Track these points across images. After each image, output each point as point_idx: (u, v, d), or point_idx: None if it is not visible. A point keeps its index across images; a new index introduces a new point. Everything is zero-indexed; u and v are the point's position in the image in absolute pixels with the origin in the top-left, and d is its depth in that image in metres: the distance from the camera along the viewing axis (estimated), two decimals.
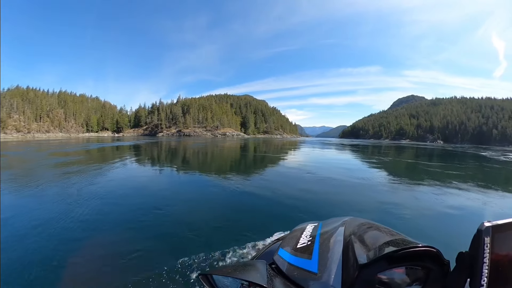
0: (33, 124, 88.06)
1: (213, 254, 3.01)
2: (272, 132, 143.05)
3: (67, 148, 23.64)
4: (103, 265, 2.90)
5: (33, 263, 2.90)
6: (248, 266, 0.86)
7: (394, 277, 0.68)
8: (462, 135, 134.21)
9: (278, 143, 45.86)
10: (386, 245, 0.70)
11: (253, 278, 0.72)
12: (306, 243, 0.94)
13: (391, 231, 0.83)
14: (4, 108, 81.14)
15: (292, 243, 0.99)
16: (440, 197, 6.46)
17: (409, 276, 0.68)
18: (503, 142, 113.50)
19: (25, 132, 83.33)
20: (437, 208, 5.47)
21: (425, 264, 0.67)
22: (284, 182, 8.55)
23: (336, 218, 1.08)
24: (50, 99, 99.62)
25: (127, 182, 7.95)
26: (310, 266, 0.80)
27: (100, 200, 5.58)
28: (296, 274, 0.80)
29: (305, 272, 0.79)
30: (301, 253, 0.89)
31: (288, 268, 0.85)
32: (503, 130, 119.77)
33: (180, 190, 7.25)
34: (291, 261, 0.87)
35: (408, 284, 0.68)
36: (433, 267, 0.67)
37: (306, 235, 1.00)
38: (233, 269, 0.80)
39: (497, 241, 0.58)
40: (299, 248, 0.92)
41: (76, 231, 3.85)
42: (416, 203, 5.83)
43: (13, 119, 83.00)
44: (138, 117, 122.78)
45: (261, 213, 5.00)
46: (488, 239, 0.58)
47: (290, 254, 0.91)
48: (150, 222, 4.33)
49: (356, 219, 1.02)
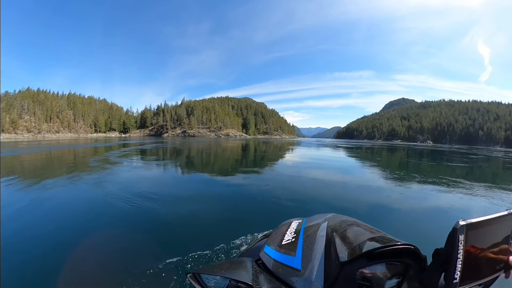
0: (44, 124, 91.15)
1: (202, 252, 2.96)
2: (271, 133, 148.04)
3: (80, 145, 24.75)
4: (89, 266, 2.87)
5: (33, 263, 2.87)
6: (234, 264, 0.87)
7: (374, 272, 0.71)
8: (451, 135, 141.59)
9: (278, 143, 46.54)
10: (366, 243, 0.73)
11: (239, 276, 0.75)
12: (291, 240, 0.97)
13: (371, 229, 0.86)
14: (16, 109, 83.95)
15: (277, 239, 1.02)
16: (423, 195, 6.72)
17: (389, 271, 0.72)
18: (489, 143, 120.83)
19: (35, 133, 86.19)
20: (419, 205, 5.67)
21: (403, 260, 0.71)
22: (281, 179, 8.72)
23: (320, 215, 1.12)
24: (59, 101, 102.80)
25: (139, 181, 7.98)
26: (294, 263, 0.82)
27: (100, 198, 5.64)
28: (281, 271, 0.83)
29: (289, 269, 0.81)
30: (286, 250, 0.91)
31: (274, 265, 0.87)
32: (488, 131, 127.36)
33: (176, 189, 7.12)
34: (276, 258, 0.90)
35: (388, 278, 0.72)
36: (411, 262, 0.72)
37: (291, 232, 1.03)
38: (220, 268, 0.82)
39: (471, 238, 0.63)
40: (284, 245, 0.95)
41: (76, 230, 3.83)
42: (400, 201, 5.95)
43: (24, 119, 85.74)
44: (144, 118, 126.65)
45: (252, 210, 5.08)
46: (462, 236, 0.62)
47: (275, 251, 0.94)
48: (138, 221, 4.28)
49: (338, 216, 1.05)
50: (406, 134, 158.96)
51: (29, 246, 3.31)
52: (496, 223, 0.66)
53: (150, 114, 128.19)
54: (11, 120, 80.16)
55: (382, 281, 0.71)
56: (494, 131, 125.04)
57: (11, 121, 79.93)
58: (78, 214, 4.59)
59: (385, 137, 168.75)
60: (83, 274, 2.73)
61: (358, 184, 8.20)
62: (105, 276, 2.73)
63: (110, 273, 2.78)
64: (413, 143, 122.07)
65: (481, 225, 0.64)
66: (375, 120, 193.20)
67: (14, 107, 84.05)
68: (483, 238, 0.65)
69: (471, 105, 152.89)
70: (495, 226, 0.66)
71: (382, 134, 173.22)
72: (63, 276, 2.62)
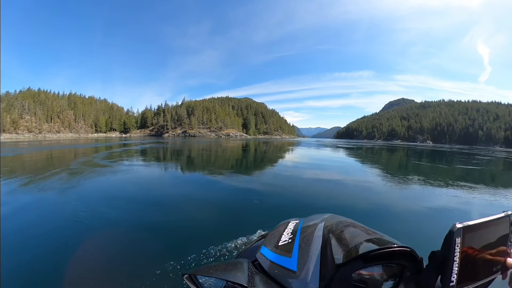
0: (44, 124, 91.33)
1: (200, 253, 2.96)
2: (271, 133, 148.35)
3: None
4: (88, 266, 2.89)
5: (33, 262, 2.87)
6: (230, 265, 0.87)
7: (370, 274, 0.71)
8: (450, 136, 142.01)
9: (278, 143, 46.46)
10: (362, 245, 0.73)
11: (234, 278, 0.74)
12: (287, 241, 0.96)
13: (368, 230, 0.85)
14: (16, 109, 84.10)
15: (274, 240, 1.01)
16: (421, 196, 6.79)
17: (385, 272, 0.72)
18: (488, 143, 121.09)
19: (36, 133, 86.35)
20: (417, 207, 5.64)
21: (399, 262, 0.71)
22: (280, 180, 8.76)
23: (317, 215, 1.11)
24: (60, 101, 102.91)
25: (140, 180, 8.23)
26: (290, 264, 0.81)
27: (100, 197, 5.77)
28: (277, 272, 0.82)
29: (285, 270, 0.80)
30: (282, 251, 0.91)
31: (270, 266, 0.86)
32: (488, 131, 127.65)
33: (175, 189, 7.17)
34: (272, 259, 0.89)
35: (384, 280, 0.71)
36: (407, 264, 0.71)
37: (288, 233, 1.02)
38: (216, 269, 0.80)
39: (467, 240, 0.62)
40: (280, 246, 0.94)
41: (76, 231, 3.83)
42: (398, 203, 5.98)
43: (25, 119, 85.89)
44: (145, 118, 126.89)
45: (250, 210, 5.09)
46: (459, 239, 0.61)
47: (272, 252, 0.93)
48: (137, 222, 4.29)
49: (335, 217, 1.04)
50: (406, 134, 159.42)
51: (29, 246, 3.31)
52: (492, 225, 0.66)
53: (150, 114, 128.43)
54: (12, 120, 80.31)
55: (378, 282, 0.71)
56: (494, 131, 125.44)
57: (12, 121, 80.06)
58: (78, 215, 4.56)
59: (385, 137, 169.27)
60: (83, 274, 2.75)
61: (358, 185, 8.13)
62: (104, 276, 2.75)
63: (109, 273, 2.80)
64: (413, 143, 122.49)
65: (478, 228, 0.64)
66: (375, 120, 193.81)
67: (15, 107, 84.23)
68: (480, 240, 0.65)
69: (470, 105, 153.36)
70: (492, 228, 0.66)
71: (382, 134, 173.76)
72: (63, 276, 2.64)
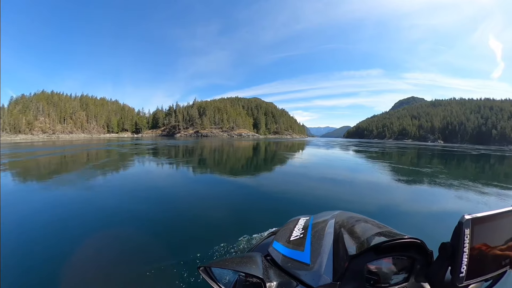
0: (58, 125, 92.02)
1: (212, 248, 3.04)
2: (282, 133, 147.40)
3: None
4: (101, 261, 2.94)
5: (33, 261, 2.87)
6: (244, 258, 0.89)
7: (382, 266, 0.73)
8: (462, 135, 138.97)
9: (289, 143, 46.37)
10: (373, 237, 0.75)
11: (250, 270, 0.77)
12: (299, 236, 0.99)
13: (379, 224, 0.88)
14: (31, 111, 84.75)
15: (285, 236, 1.04)
16: (431, 193, 6.93)
17: (396, 265, 0.74)
18: (502, 142, 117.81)
19: (50, 133, 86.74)
20: (426, 203, 5.84)
21: (410, 254, 0.73)
22: (293, 180, 8.85)
23: (327, 212, 1.13)
24: (73, 103, 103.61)
25: (153, 178, 8.40)
26: (303, 257, 0.85)
27: (108, 195, 5.91)
28: (290, 265, 0.85)
29: (299, 263, 0.84)
30: (294, 245, 0.94)
31: (282, 259, 0.90)
32: (502, 130, 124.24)
33: (189, 187, 7.39)
34: (285, 253, 0.92)
35: (395, 273, 0.73)
36: (418, 256, 0.73)
37: (299, 228, 1.05)
38: (231, 262, 0.83)
39: (476, 232, 0.63)
40: (292, 241, 0.97)
41: (78, 228, 3.86)
42: (409, 199, 6.16)
43: (39, 121, 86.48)
44: (156, 118, 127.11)
45: (260, 208, 5.26)
46: (468, 230, 0.62)
47: (284, 246, 0.96)
48: (152, 217, 4.41)
49: (345, 213, 1.07)
50: (416, 134, 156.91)
51: (33, 245, 3.32)
52: (502, 218, 0.66)
53: (162, 114, 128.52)
54: (27, 122, 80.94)
55: (389, 275, 0.73)
56: (509, 130, 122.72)
57: (27, 122, 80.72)
58: (87, 212, 4.68)
59: (395, 136, 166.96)
60: (91, 271, 2.78)
61: (375, 186, 8.07)
62: (119, 271, 2.78)
63: (126, 268, 2.84)
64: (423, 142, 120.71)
65: (487, 220, 0.64)
66: (385, 119, 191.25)
67: (30, 109, 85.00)
68: (489, 232, 0.65)
69: (483, 103, 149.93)
70: (501, 221, 0.66)
71: (393, 133, 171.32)
72: (64, 274, 2.66)
